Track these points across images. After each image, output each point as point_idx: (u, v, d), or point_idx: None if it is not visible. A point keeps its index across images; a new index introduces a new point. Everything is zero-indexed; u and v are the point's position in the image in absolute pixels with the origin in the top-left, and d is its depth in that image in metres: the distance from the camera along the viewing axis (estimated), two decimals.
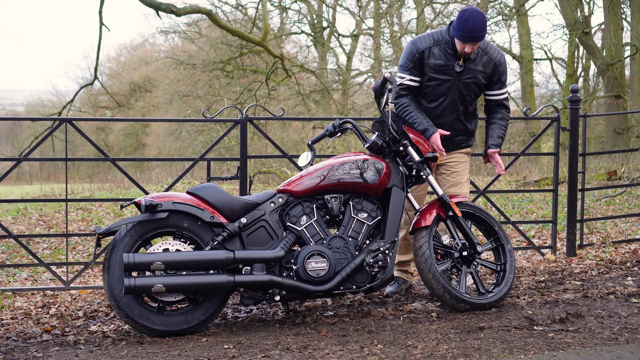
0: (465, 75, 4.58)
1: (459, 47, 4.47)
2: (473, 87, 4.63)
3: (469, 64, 4.57)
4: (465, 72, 4.57)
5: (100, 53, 14.55)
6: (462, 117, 4.70)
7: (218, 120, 5.80)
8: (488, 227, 4.63)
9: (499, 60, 4.64)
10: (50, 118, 5.85)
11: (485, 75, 4.63)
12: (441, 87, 4.59)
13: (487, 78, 4.65)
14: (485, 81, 4.65)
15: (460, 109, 4.67)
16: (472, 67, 4.58)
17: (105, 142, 28.97)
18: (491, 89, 4.70)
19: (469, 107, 4.71)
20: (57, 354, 3.78)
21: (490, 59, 4.62)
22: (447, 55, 4.54)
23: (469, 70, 4.57)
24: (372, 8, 21.86)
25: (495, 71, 4.64)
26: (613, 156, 13.82)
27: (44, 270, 6.49)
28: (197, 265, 4.01)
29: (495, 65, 4.63)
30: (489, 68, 4.62)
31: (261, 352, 3.62)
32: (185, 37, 22.69)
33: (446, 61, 4.54)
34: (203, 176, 15.30)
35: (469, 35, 4.37)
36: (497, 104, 4.76)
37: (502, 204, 10.13)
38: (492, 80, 4.66)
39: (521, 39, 20.71)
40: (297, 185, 4.29)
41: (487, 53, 4.62)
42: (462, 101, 4.65)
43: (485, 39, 4.60)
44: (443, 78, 4.57)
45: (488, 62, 4.62)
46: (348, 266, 4.21)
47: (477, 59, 4.59)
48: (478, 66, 4.59)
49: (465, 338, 3.78)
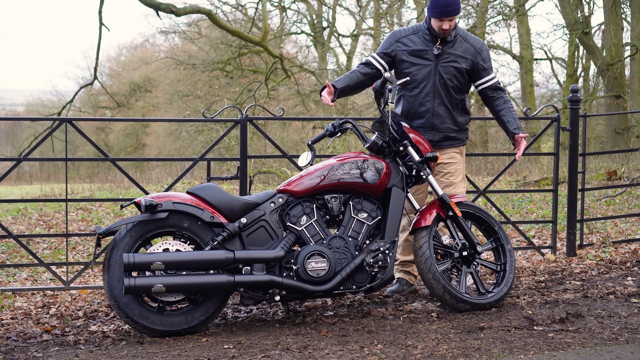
0: (444, 59, 4.63)
1: (436, 27, 4.55)
2: (453, 71, 4.65)
3: (447, 48, 4.63)
4: (444, 55, 4.62)
5: (100, 53, 14.56)
6: (447, 103, 4.69)
7: (218, 120, 5.80)
8: (488, 227, 4.63)
9: (479, 47, 4.68)
10: (50, 118, 5.85)
11: (466, 61, 4.66)
12: (421, 72, 4.64)
13: (470, 65, 4.67)
14: (467, 67, 4.66)
15: (443, 94, 4.67)
16: (451, 50, 4.63)
17: (105, 142, 28.96)
18: (480, 77, 4.71)
19: (453, 94, 4.69)
20: (57, 354, 3.78)
21: (470, 45, 4.67)
22: (425, 41, 4.64)
23: (447, 54, 4.63)
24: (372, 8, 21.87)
25: (477, 57, 4.67)
26: (613, 156, 13.82)
27: (44, 270, 6.49)
28: (197, 265, 4.01)
29: (475, 51, 4.67)
30: (469, 54, 4.66)
31: (261, 352, 3.62)
32: (185, 37, 22.69)
33: (424, 46, 4.64)
34: (203, 176, 15.31)
35: (443, 10, 4.47)
36: (492, 89, 4.74)
37: (502, 204, 10.13)
38: (477, 67, 4.68)
39: (521, 39, 20.71)
40: (297, 185, 4.29)
41: (467, 40, 4.68)
42: (444, 86, 4.66)
43: (463, 30, 4.70)
44: (422, 63, 4.64)
45: (468, 49, 4.67)
46: (348, 266, 4.21)
47: (457, 44, 4.65)
48: (457, 50, 4.64)
49: (465, 338, 3.78)
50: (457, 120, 4.76)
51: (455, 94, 4.70)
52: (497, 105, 4.76)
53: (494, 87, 4.74)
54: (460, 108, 4.77)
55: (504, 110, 4.73)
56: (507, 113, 4.72)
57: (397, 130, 4.48)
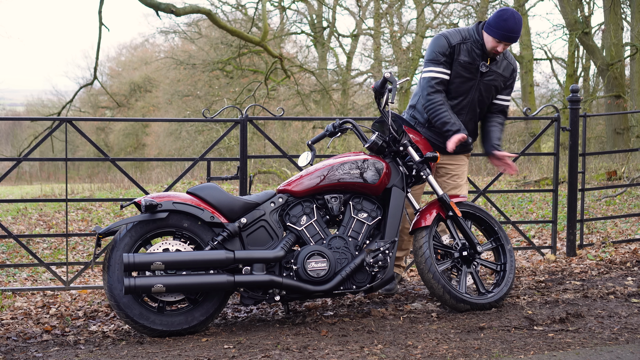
0: (488, 76, 4.60)
1: (490, 45, 4.48)
2: (492, 90, 4.65)
3: (493, 65, 4.60)
4: (489, 73, 4.59)
5: (100, 53, 14.57)
6: (476, 119, 4.73)
7: (218, 120, 5.80)
8: (488, 227, 4.63)
9: (515, 67, 4.71)
10: (50, 118, 5.85)
11: (504, 79, 4.66)
12: (464, 86, 4.59)
13: (504, 82, 4.68)
14: (503, 85, 4.68)
15: (477, 111, 4.68)
16: (495, 69, 4.61)
17: (105, 142, 28.97)
18: (501, 93, 4.72)
19: (483, 109, 4.72)
20: (57, 354, 3.78)
21: (509, 64, 4.68)
22: (474, 54, 4.55)
23: (492, 72, 4.60)
24: (372, 8, 21.87)
25: (511, 76, 4.69)
26: (613, 156, 13.83)
27: (44, 270, 6.49)
28: (197, 265, 4.01)
29: (513, 71, 4.69)
30: (507, 72, 4.67)
31: (261, 352, 3.62)
32: (185, 37, 22.69)
33: (473, 60, 4.55)
34: (203, 176, 15.31)
35: (507, 34, 4.41)
36: (500, 110, 4.77)
37: (502, 204, 10.13)
38: (506, 85, 4.70)
39: (521, 39, 20.69)
40: (297, 185, 4.29)
41: (507, 58, 4.68)
42: (480, 102, 4.67)
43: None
44: (467, 76, 4.57)
45: (507, 67, 4.66)
46: (348, 266, 4.21)
47: (500, 62, 4.62)
48: (500, 69, 4.63)
49: (465, 338, 3.78)
50: (477, 133, 4.81)
51: (485, 108, 4.73)
52: (492, 121, 4.74)
53: (503, 108, 4.76)
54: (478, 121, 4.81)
55: (495, 128, 4.71)
56: (497, 131, 4.71)
57: (397, 130, 4.48)
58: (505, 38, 4.42)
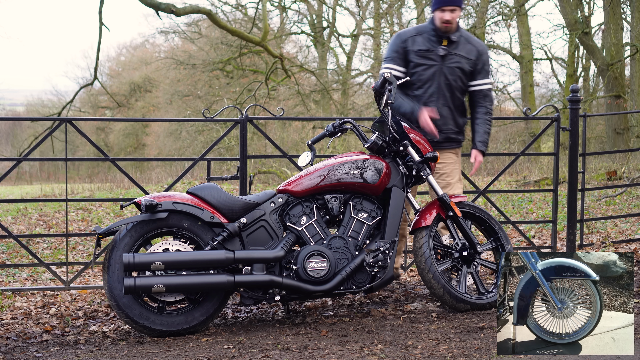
0: (449, 60, 4.67)
1: (438, 19, 4.60)
2: (458, 72, 4.70)
3: (452, 48, 4.67)
4: (449, 56, 4.67)
5: (100, 53, 14.54)
6: (450, 104, 4.74)
7: (218, 120, 5.80)
8: (488, 227, 4.63)
9: (482, 49, 4.75)
10: (50, 118, 5.85)
11: (469, 62, 4.71)
12: (426, 73, 4.68)
13: (472, 65, 4.73)
14: (470, 68, 4.72)
15: (447, 95, 4.72)
16: (456, 52, 4.68)
17: (105, 142, 28.95)
18: (475, 78, 4.76)
19: (456, 95, 4.75)
20: (57, 354, 3.78)
21: (474, 47, 4.73)
22: (431, 41, 4.68)
23: (452, 54, 4.68)
24: (372, 8, 21.86)
25: (479, 59, 4.72)
26: (613, 156, 13.82)
27: (44, 270, 6.48)
28: (197, 265, 4.01)
29: (479, 53, 4.73)
30: (473, 55, 4.72)
31: (261, 352, 3.62)
32: (185, 37, 22.68)
33: (430, 46, 4.67)
34: (203, 176, 15.30)
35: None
36: (482, 95, 4.80)
37: (502, 204, 10.13)
38: (476, 68, 4.74)
39: (521, 39, 20.71)
40: (297, 185, 4.29)
41: (470, 42, 4.75)
42: (449, 87, 4.71)
43: (467, 32, 4.78)
44: (428, 63, 4.67)
45: (471, 50, 4.73)
46: (348, 266, 4.21)
47: (461, 45, 4.70)
48: (462, 52, 4.70)
49: (465, 338, 3.78)
50: (458, 121, 4.81)
51: (459, 94, 4.76)
52: (477, 113, 4.82)
53: (485, 92, 4.80)
54: (461, 110, 4.82)
55: (479, 120, 4.80)
56: (481, 124, 4.79)
57: (397, 130, 4.48)
58: (442, 4, 4.55)
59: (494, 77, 23.74)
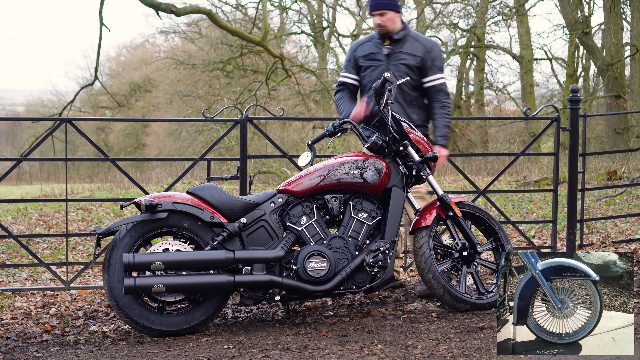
0: (394, 58, 4.77)
1: (374, 23, 4.78)
2: (404, 69, 4.76)
3: (396, 47, 4.78)
4: (394, 54, 4.77)
5: (100, 53, 14.54)
6: (400, 100, 4.77)
7: (218, 120, 5.80)
8: (488, 227, 4.63)
9: (429, 46, 4.80)
10: (51, 118, 5.85)
11: (416, 59, 4.77)
12: (374, 73, 4.80)
13: (419, 62, 4.77)
14: (417, 64, 4.76)
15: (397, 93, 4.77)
16: (401, 49, 4.78)
17: (105, 142, 28.96)
18: (427, 74, 4.79)
19: (406, 91, 4.77)
20: (57, 354, 3.78)
21: (421, 44, 4.80)
22: (377, 44, 4.84)
23: (397, 52, 4.78)
24: None
25: (426, 55, 4.76)
26: (613, 156, 13.82)
27: (44, 270, 6.48)
28: (197, 265, 4.01)
29: (425, 50, 4.78)
30: (419, 52, 4.77)
31: (261, 352, 3.62)
32: (185, 37, 22.68)
33: (375, 49, 4.83)
34: (203, 176, 15.30)
35: (372, 3, 4.72)
36: (436, 91, 4.80)
37: (502, 204, 10.13)
38: (425, 65, 4.78)
39: (521, 39, 20.72)
40: (297, 185, 4.29)
41: (418, 40, 4.82)
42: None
43: (417, 32, 4.87)
44: (374, 64, 4.81)
45: (418, 47, 4.79)
46: (348, 266, 4.22)
47: (407, 44, 4.79)
48: (407, 49, 4.78)
49: (465, 338, 3.78)
50: (412, 117, 4.79)
51: (409, 90, 4.79)
52: (433, 108, 4.83)
53: (438, 87, 4.81)
54: (416, 105, 4.82)
55: (437, 115, 4.82)
56: (439, 118, 4.81)
57: (397, 130, 4.48)
58: (371, 9, 4.73)
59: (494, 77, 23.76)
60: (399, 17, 4.79)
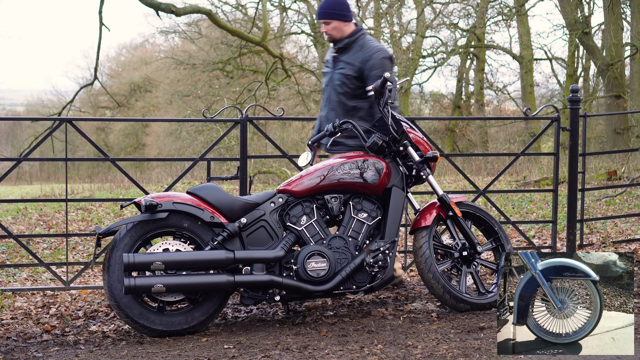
0: (337, 66, 4.73)
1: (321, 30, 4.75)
2: (342, 78, 4.67)
3: (341, 55, 4.72)
4: (338, 62, 4.73)
5: (100, 53, 14.54)
6: (337, 109, 4.70)
7: (218, 120, 5.80)
8: (488, 227, 4.63)
9: (369, 55, 4.62)
10: (50, 118, 5.84)
11: (353, 68, 4.65)
12: (325, 79, 4.83)
13: (357, 71, 4.65)
14: (356, 74, 4.64)
15: (334, 100, 4.73)
16: (343, 58, 4.71)
17: (105, 142, 28.95)
18: (367, 84, 4.66)
19: (344, 100, 4.68)
20: (57, 354, 3.78)
21: (362, 53, 4.65)
22: (331, 50, 4.81)
23: (340, 61, 4.72)
24: (372, 8, 21.86)
25: (364, 65, 4.63)
26: (613, 156, 13.82)
27: (44, 270, 6.48)
28: (197, 265, 4.01)
29: (364, 59, 4.63)
30: (358, 61, 4.65)
31: (261, 352, 3.62)
32: (185, 37, 22.67)
33: (330, 56, 4.82)
34: (203, 176, 15.30)
35: (318, 11, 4.68)
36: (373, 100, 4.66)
37: (502, 204, 10.13)
38: (363, 74, 4.65)
39: (521, 39, 20.71)
40: (297, 185, 4.29)
41: (363, 48, 4.67)
42: (335, 92, 4.72)
43: (369, 39, 4.69)
44: (326, 71, 4.84)
45: (358, 56, 4.66)
46: (348, 266, 4.22)
47: (351, 52, 4.68)
48: (348, 58, 4.68)
49: (465, 338, 3.78)
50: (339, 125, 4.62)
51: (347, 100, 4.67)
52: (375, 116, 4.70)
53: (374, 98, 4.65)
54: (356, 115, 4.69)
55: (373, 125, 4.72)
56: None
57: (397, 130, 4.48)
58: (318, 16, 4.69)
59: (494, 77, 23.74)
60: (347, 25, 4.66)
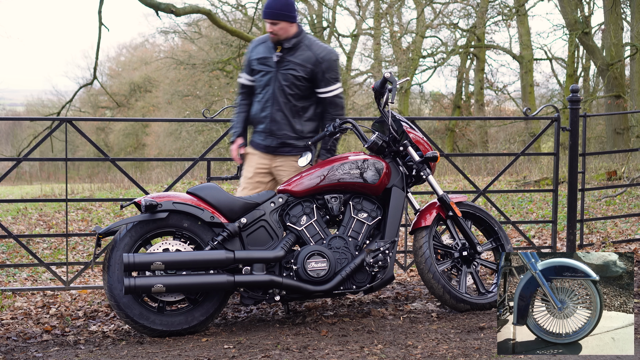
0: (283, 66, 4.57)
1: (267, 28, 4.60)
2: (292, 79, 4.56)
3: (287, 55, 4.57)
4: (284, 62, 4.58)
5: (99, 53, 14.57)
6: (285, 110, 4.59)
7: (218, 120, 5.80)
8: (488, 227, 4.63)
9: (321, 57, 4.55)
10: (50, 118, 5.85)
11: (306, 70, 4.55)
12: (264, 79, 4.63)
13: (309, 73, 4.56)
14: (307, 75, 4.56)
15: (281, 101, 4.59)
16: (291, 58, 4.57)
17: (105, 142, 28.96)
18: (318, 86, 4.59)
19: (293, 102, 4.60)
20: (57, 354, 3.78)
21: (312, 55, 4.56)
22: (269, 49, 4.62)
23: (287, 61, 4.57)
24: (372, 8, 21.86)
25: (317, 67, 4.55)
26: (613, 156, 13.82)
27: (44, 270, 6.48)
28: (197, 265, 4.01)
29: (317, 61, 4.54)
30: (310, 63, 4.55)
31: (261, 352, 3.62)
32: (185, 37, 22.69)
33: (267, 54, 4.62)
34: (203, 176, 15.30)
35: (266, 11, 4.50)
36: (327, 103, 4.61)
37: (502, 204, 10.13)
38: (316, 77, 4.57)
39: (521, 39, 20.72)
40: (297, 185, 4.29)
41: (311, 49, 4.58)
42: (282, 93, 4.58)
43: (313, 39, 4.63)
44: (264, 69, 4.63)
45: (309, 57, 4.56)
46: (348, 266, 4.22)
47: (298, 52, 4.57)
48: (297, 59, 4.57)
49: (465, 338, 3.78)
50: (296, 127, 4.60)
51: (296, 101, 4.60)
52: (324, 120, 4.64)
53: (329, 100, 4.60)
54: (303, 116, 4.64)
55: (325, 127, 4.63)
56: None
57: (397, 130, 4.49)
58: (265, 15, 4.53)
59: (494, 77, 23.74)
60: (292, 25, 4.56)
